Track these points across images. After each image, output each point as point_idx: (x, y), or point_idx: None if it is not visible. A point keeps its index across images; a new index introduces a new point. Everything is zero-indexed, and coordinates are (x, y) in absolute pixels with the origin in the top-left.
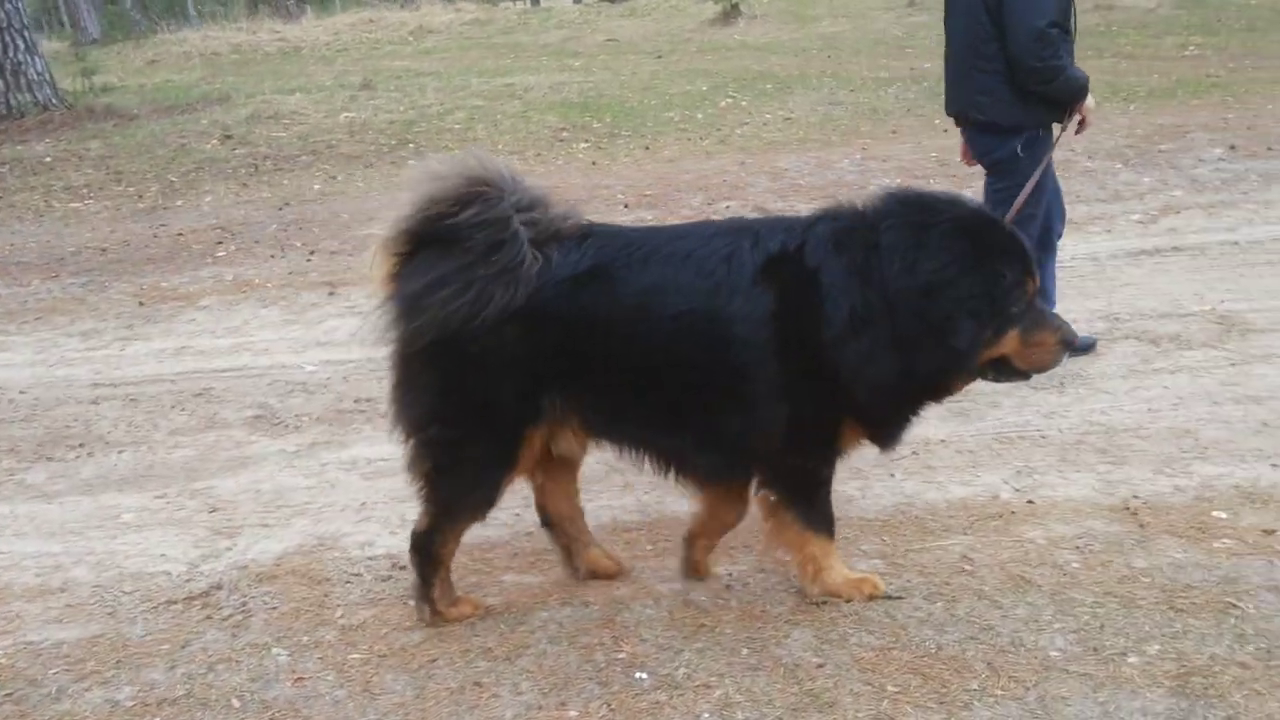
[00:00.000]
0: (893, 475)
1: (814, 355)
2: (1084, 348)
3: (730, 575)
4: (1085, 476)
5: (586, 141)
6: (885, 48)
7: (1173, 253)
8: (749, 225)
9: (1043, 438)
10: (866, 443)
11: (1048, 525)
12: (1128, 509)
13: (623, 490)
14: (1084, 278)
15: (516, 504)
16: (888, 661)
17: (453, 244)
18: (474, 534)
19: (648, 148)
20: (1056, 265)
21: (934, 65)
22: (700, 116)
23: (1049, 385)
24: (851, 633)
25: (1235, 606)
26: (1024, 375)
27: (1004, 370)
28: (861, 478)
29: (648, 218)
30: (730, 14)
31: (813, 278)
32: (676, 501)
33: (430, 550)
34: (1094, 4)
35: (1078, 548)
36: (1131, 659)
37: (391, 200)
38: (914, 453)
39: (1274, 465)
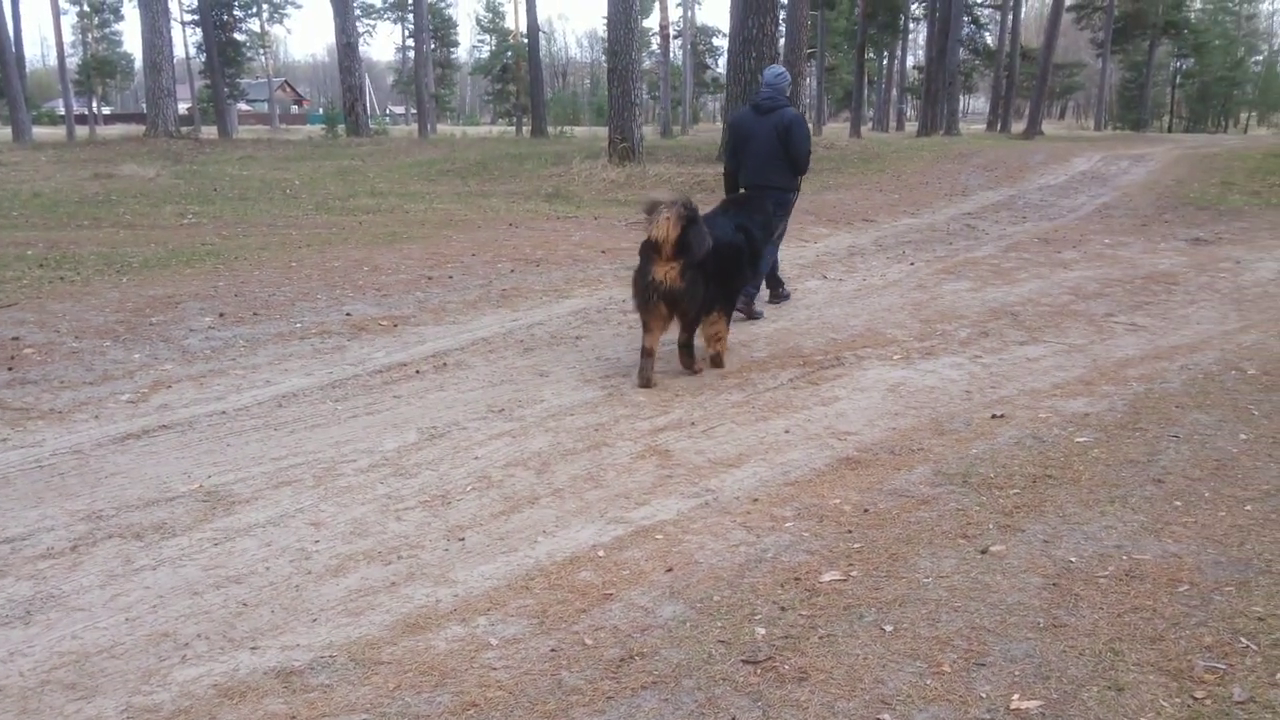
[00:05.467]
0: None
1: (753, 251)
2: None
3: None
4: None
5: None
6: None
7: (163, 431)
8: (726, 215)
9: None
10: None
11: None
12: None
13: None
14: (65, 475)
15: None
16: None
17: (697, 222)
18: None
19: None
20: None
21: None
22: None
23: (14, 620)
24: None
25: None
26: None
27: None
28: None
29: None
30: None
31: (749, 230)
32: None
33: (692, 343)
34: (93, 173)
35: None
36: None
37: None
38: None
39: (254, 649)
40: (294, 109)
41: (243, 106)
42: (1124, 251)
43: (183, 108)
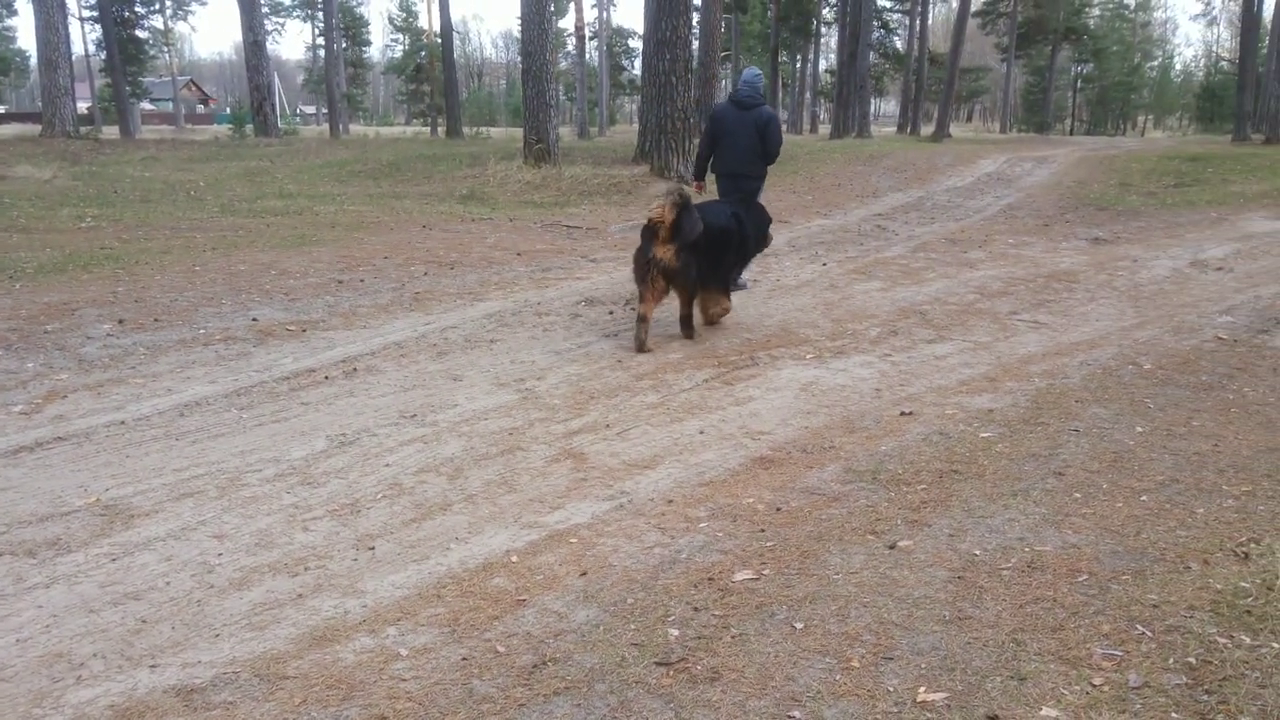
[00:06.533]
0: None
1: (745, 234)
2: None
3: None
4: None
5: None
6: None
7: (57, 443)
8: (725, 204)
9: None
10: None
11: None
12: None
13: None
14: None
15: None
16: None
17: (688, 209)
18: None
19: None
20: None
21: None
22: None
23: None
24: None
25: None
26: (765, 245)
27: (763, 244)
28: None
29: None
30: None
31: (741, 218)
32: None
33: (691, 316)
34: None
35: None
36: None
37: None
38: None
39: (153, 667)
40: (200, 108)
41: (146, 106)
42: (1027, 251)
43: (82, 107)
